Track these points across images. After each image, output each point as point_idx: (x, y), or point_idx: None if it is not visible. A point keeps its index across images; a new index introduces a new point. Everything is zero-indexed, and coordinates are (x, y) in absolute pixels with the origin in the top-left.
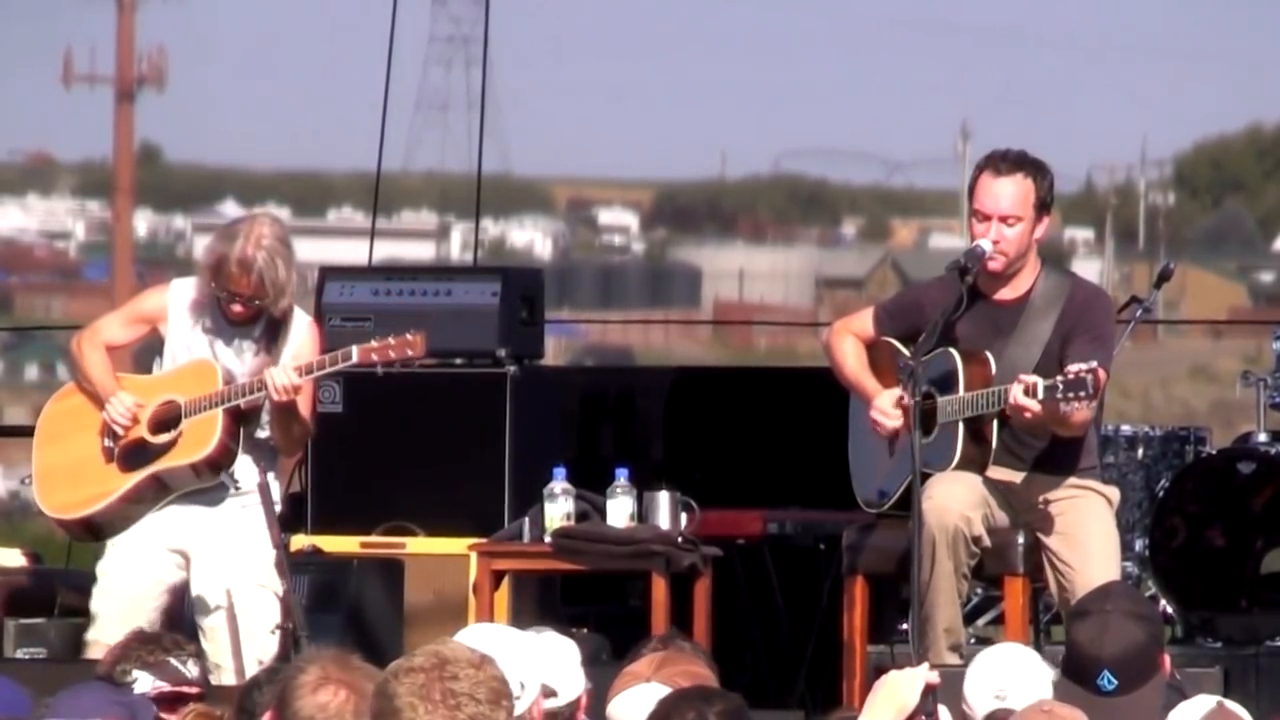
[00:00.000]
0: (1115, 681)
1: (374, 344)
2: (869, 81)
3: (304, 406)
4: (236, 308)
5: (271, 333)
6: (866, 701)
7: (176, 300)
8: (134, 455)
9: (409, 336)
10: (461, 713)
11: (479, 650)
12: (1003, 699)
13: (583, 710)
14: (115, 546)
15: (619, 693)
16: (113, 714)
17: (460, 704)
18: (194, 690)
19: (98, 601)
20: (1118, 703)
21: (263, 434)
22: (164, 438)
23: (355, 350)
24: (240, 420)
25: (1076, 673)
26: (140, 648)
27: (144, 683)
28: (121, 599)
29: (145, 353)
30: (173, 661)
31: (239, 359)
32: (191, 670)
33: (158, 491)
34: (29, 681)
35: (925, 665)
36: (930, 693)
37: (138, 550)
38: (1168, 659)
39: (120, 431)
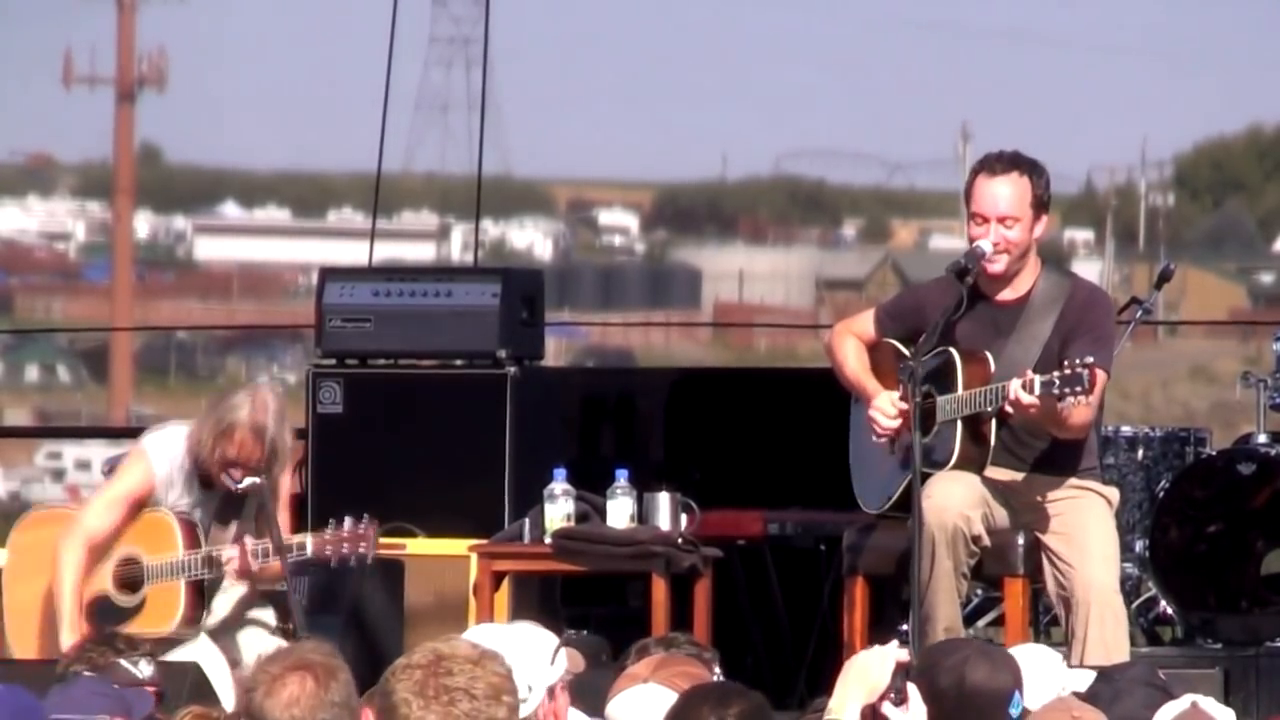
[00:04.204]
0: (1021, 703)
1: (328, 535)
2: (869, 82)
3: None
4: (238, 474)
5: (242, 499)
6: (837, 681)
7: (161, 465)
8: (101, 612)
9: (361, 529)
10: (456, 708)
11: (484, 647)
12: (1065, 689)
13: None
14: None
15: (618, 693)
16: (107, 707)
17: (455, 699)
18: (148, 691)
19: None
20: None
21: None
22: (129, 600)
23: (310, 542)
24: (201, 587)
25: (985, 713)
26: (93, 649)
27: None
28: None
29: (147, 354)
30: (123, 664)
31: (205, 510)
32: (144, 671)
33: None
34: (28, 681)
35: (894, 643)
36: (900, 671)
37: None
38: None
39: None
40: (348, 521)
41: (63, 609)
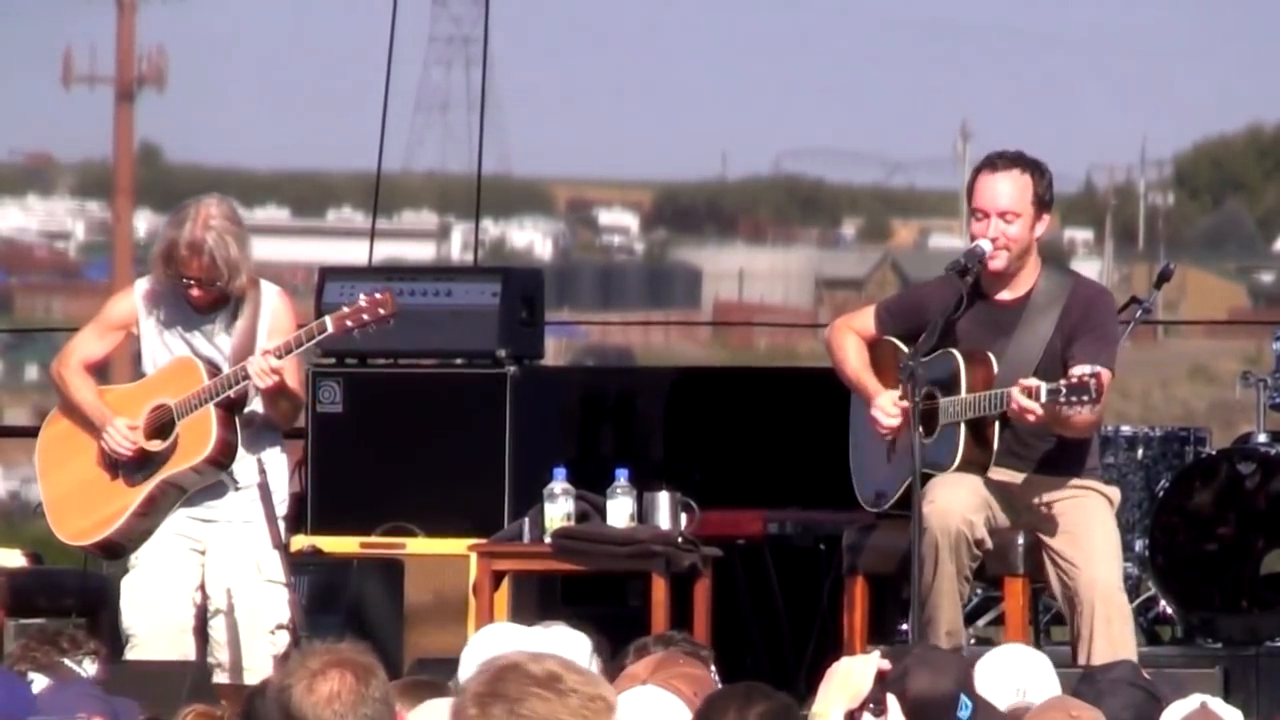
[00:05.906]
0: (970, 704)
1: (345, 310)
2: (869, 81)
3: (291, 379)
4: (195, 292)
5: (239, 311)
6: (820, 687)
7: (143, 299)
8: (137, 468)
9: (377, 295)
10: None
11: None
12: (1022, 692)
13: None
14: (140, 563)
15: (616, 695)
16: (95, 710)
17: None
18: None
19: (131, 619)
20: None
21: (256, 409)
22: (162, 445)
23: (329, 320)
24: (232, 409)
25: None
26: (37, 648)
27: (39, 684)
28: (156, 614)
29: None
30: (66, 663)
31: (214, 344)
32: (88, 669)
33: (169, 498)
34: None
35: (876, 653)
36: (881, 680)
37: (163, 562)
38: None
39: (124, 457)
40: (361, 294)
41: (92, 412)
